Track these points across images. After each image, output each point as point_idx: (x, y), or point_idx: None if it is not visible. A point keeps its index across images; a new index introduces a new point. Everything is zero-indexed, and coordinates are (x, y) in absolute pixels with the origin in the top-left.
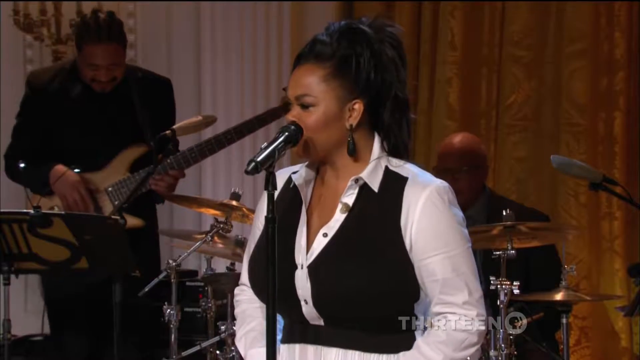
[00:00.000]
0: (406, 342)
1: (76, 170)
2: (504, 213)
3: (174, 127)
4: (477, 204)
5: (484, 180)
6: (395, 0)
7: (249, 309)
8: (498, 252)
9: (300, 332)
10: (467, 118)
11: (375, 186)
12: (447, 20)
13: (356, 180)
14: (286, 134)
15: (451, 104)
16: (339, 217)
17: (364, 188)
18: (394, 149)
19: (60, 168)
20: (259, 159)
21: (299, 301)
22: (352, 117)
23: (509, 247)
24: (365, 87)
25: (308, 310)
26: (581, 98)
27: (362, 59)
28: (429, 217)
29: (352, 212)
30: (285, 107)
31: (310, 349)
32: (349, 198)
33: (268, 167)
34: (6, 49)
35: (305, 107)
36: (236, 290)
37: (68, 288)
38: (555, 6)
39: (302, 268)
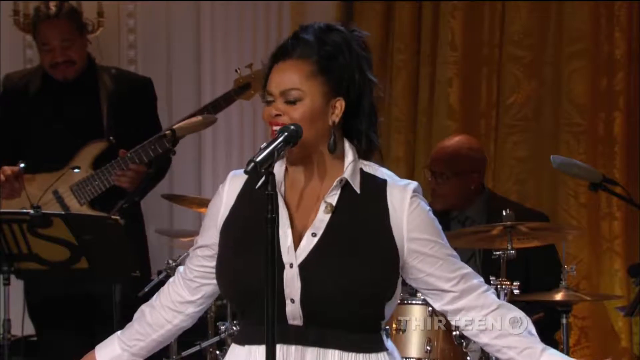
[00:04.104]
0: (377, 342)
1: (22, 165)
2: (504, 213)
3: (174, 127)
4: (477, 204)
5: (474, 185)
6: (395, 0)
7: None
8: (498, 252)
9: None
10: (467, 118)
11: (357, 187)
12: (447, 20)
13: (340, 181)
14: (285, 134)
15: (451, 104)
16: (323, 217)
17: (345, 189)
18: (367, 152)
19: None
20: (258, 159)
21: (282, 300)
22: (334, 114)
23: (509, 247)
24: (347, 85)
25: (292, 309)
26: (581, 98)
27: (345, 58)
28: (418, 215)
29: (337, 212)
30: (238, 90)
31: (289, 349)
32: (333, 198)
33: (267, 167)
34: (6, 49)
35: (291, 102)
36: (136, 314)
37: (49, 287)
38: (555, 6)
39: (291, 267)
